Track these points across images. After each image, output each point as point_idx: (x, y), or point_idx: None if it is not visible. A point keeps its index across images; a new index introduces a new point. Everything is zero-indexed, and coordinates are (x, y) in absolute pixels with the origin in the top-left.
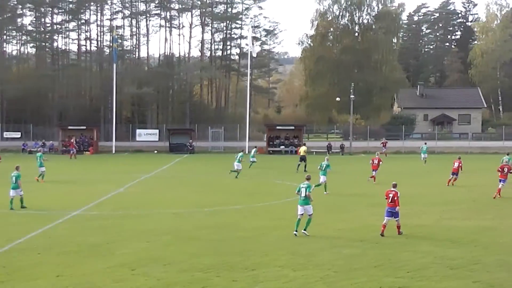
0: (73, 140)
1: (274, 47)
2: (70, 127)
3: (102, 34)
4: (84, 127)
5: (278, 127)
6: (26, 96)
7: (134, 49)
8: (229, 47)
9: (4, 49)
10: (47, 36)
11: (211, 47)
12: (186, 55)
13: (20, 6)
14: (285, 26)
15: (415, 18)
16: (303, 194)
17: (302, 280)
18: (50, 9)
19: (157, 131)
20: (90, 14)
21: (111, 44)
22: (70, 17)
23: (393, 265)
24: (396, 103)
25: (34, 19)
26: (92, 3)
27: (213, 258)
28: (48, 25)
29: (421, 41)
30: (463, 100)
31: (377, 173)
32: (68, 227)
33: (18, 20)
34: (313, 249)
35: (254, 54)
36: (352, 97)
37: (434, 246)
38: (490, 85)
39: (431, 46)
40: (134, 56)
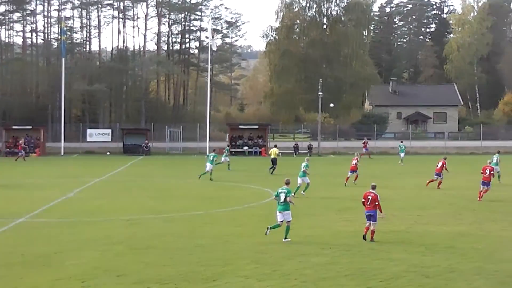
0: (21, 141)
1: (236, 40)
2: (14, 127)
3: (49, 26)
4: (29, 127)
5: (241, 127)
6: None
7: (85, 42)
8: (187, 40)
9: None
10: None
11: (169, 40)
12: (141, 49)
13: None
14: (248, 18)
15: (387, 9)
16: (282, 199)
17: None
18: None
19: (109, 131)
20: (36, 4)
21: (60, 36)
22: (14, 7)
23: (364, 274)
24: (367, 101)
25: None
26: None
27: (171, 268)
28: None
29: (393, 34)
30: (439, 97)
31: (354, 175)
32: (12, 236)
33: None
34: (279, 257)
35: (215, 48)
36: (320, 94)
37: (408, 253)
38: (467, 81)
39: (404, 40)
40: (84, 50)
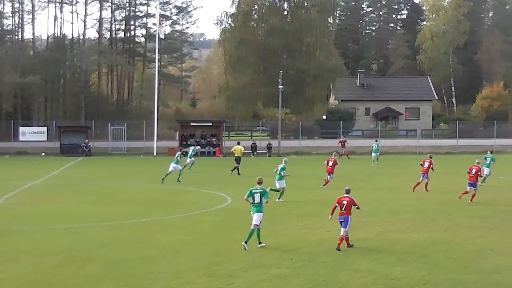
0: None
1: (187, 28)
2: None
3: None
4: None
5: (192, 124)
6: None
7: (17, 29)
8: (133, 28)
9: None
10: None
11: (111, 28)
12: (81, 37)
13: None
14: (200, 3)
15: None
16: (258, 200)
17: None
18: None
19: (45, 129)
20: None
21: None
22: None
23: (329, 286)
24: (332, 95)
25: None
26: None
27: (114, 282)
28: None
29: (361, 21)
30: (411, 91)
31: (331, 178)
32: None
33: None
34: (234, 269)
35: (163, 36)
36: (280, 87)
37: (377, 263)
38: (441, 73)
39: (373, 28)
40: (16, 37)
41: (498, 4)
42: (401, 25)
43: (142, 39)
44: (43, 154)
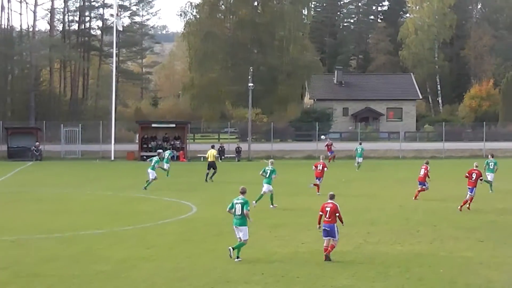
0: None
1: (148, 20)
2: None
3: None
4: None
5: (154, 125)
6: None
7: None
8: (88, 19)
9: None
10: None
11: (64, 19)
12: (31, 29)
13: None
14: None
15: None
16: (239, 211)
17: None
18: None
19: None
20: None
21: None
22: None
23: None
24: (307, 94)
25: None
26: None
27: None
28: None
29: (338, 13)
30: (393, 89)
31: (319, 183)
32: None
33: None
34: (199, 286)
35: (121, 28)
36: (250, 85)
37: (356, 278)
38: (426, 70)
39: (352, 20)
40: None
41: None
42: (382, 17)
43: (98, 32)
44: None
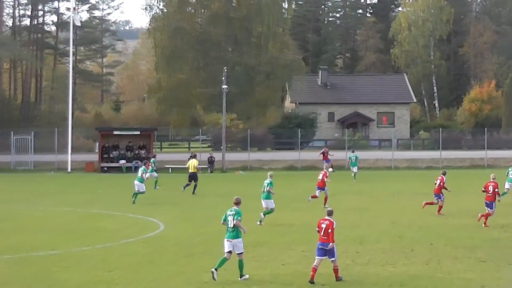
0: None
1: (109, 14)
2: None
3: None
4: None
5: (116, 132)
6: None
7: None
8: (41, 13)
9: None
10: None
11: (14, 13)
12: None
13: None
14: None
15: None
16: (231, 224)
17: None
18: None
19: None
20: None
21: None
22: None
23: None
24: (288, 97)
25: None
26: None
27: None
28: None
29: (323, 7)
30: (384, 92)
31: (322, 193)
32: None
33: None
34: None
35: (79, 24)
36: (224, 87)
37: None
38: (420, 70)
39: (338, 15)
40: None
41: None
42: (371, 11)
43: (53, 28)
44: None
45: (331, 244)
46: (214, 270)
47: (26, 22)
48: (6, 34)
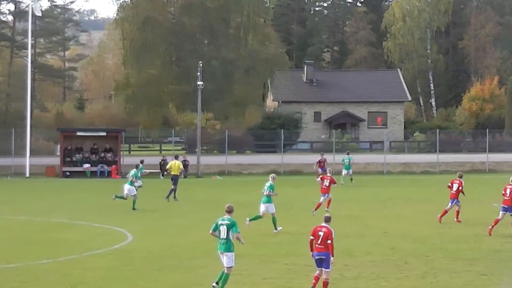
0: None
1: (72, 2)
2: None
3: None
4: None
5: (80, 133)
6: None
7: None
8: None
9: None
10: None
11: None
12: None
13: None
14: None
15: None
16: (224, 235)
17: None
18: None
19: None
20: None
21: None
22: None
23: None
24: (270, 95)
25: None
26: None
27: None
28: None
29: None
30: (376, 89)
31: (326, 199)
32: None
33: None
34: None
35: (39, 13)
36: (200, 84)
37: None
38: (416, 65)
39: (325, 4)
40: None
41: None
42: (362, 0)
43: (10, 18)
44: None
45: (332, 258)
46: (215, 284)
47: None
48: None
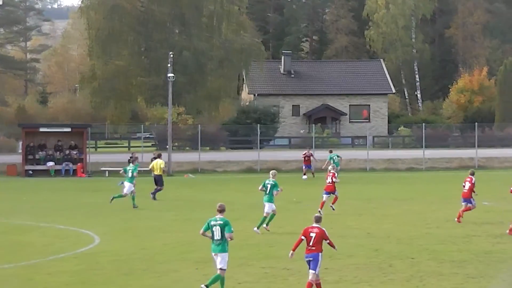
0: None
1: None
2: None
3: None
4: None
5: (43, 129)
6: None
7: None
8: None
9: None
10: None
11: None
12: None
13: None
14: None
15: None
16: (218, 235)
17: None
18: None
19: None
20: None
21: None
22: None
23: None
24: (245, 87)
25: None
26: None
27: None
28: None
29: None
30: (358, 81)
31: (331, 197)
32: None
33: None
34: None
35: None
36: (170, 76)
37: None
38: (400, 55)
39: None
40: None
41: None
42: None
43: None
44: None
45: (335, 249)
46: (203, 286)
47: None
48: None
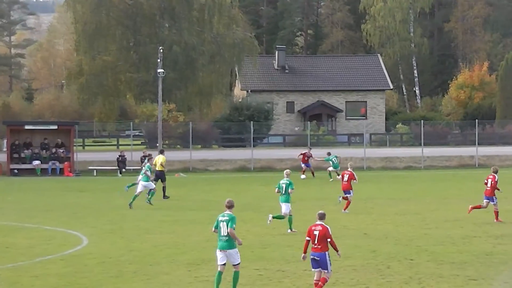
0: None
1: None
2: None
3: None
4: None
5: (28, 127)
6: None
7: None
8: None
9: None
10: None
11: None
12: None
13: None
14: None
15: None
16: (224, 231)
17: None
18: None
19: None
20: None
21: None
22: None
23: None
24: (238, 83)
25: None
26: None
27: None
28: None
29: None
30: (354, 77)
31: (346, 195)
32: None
33: None
34: None
35: None
36: (160, 71)
37: None
38: (398, 50)
39: None
40: None
41: None
42: None
43: None
44: None
45: (339, 253)
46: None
47: None
48: None
